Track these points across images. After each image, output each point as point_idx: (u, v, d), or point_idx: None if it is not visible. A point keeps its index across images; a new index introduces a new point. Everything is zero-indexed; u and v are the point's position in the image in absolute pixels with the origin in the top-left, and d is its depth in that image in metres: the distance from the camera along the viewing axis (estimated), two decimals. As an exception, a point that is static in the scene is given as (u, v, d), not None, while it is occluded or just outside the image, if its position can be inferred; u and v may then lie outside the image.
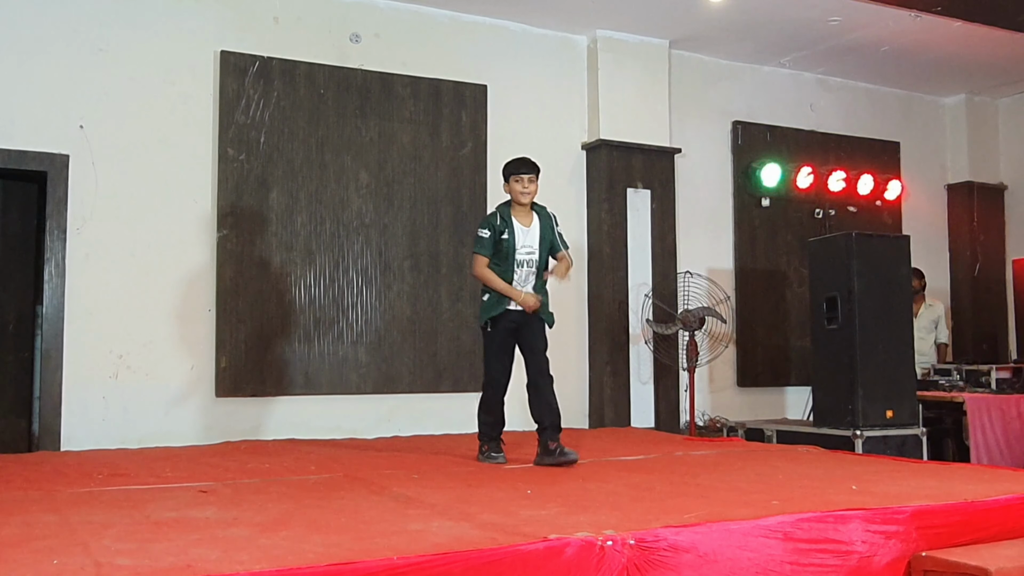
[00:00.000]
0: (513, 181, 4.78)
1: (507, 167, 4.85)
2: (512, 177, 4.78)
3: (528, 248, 4.77)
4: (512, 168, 4.81)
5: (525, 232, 4.78)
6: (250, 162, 6.09)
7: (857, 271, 6.19)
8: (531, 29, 7.10)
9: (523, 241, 4.76)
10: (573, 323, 7.05)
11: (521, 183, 4.76)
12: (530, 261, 4.77)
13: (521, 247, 4.74)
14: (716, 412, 7.46)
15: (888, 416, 6.17)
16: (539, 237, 4.80)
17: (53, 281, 5.60)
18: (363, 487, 3.92)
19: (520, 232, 4.76)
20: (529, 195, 4.78)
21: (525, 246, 4.76)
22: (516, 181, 4.77)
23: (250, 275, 6.04)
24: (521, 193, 4.76)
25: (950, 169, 8.90)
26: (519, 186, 4.76)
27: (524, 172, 4.77)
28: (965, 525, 3.30)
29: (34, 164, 5.61)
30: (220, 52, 6.08)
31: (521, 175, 4.76)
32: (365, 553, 2.55)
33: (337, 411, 6.23)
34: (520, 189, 4.76)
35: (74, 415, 5.58)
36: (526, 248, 4.76)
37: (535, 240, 4.79)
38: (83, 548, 2.67)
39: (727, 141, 7.85)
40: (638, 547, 2.76)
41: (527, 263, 4.76)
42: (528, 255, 4.77)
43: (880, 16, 6.88)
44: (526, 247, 4.76)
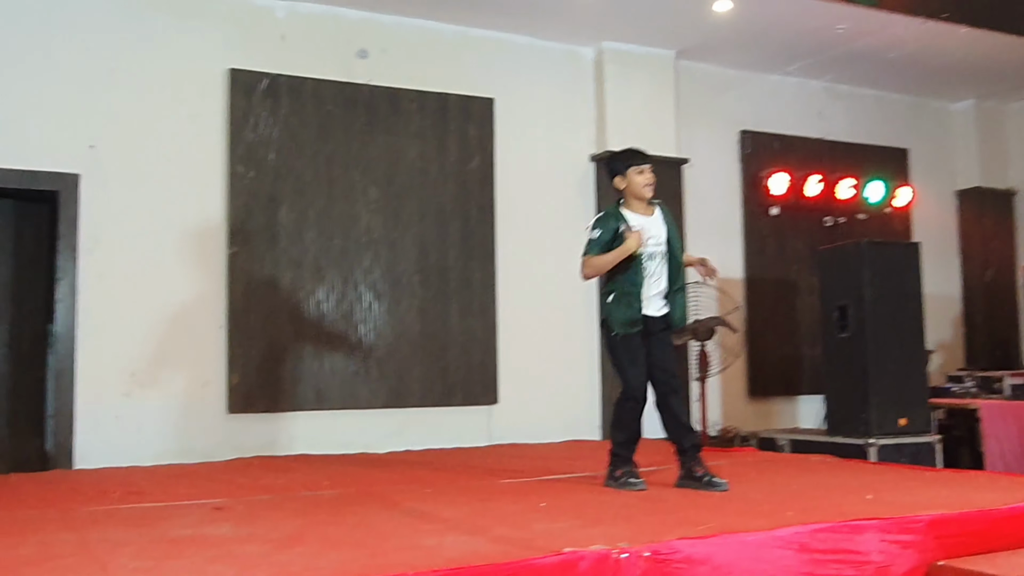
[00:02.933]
0: (634, 173, 4.22)
1: (621, 158, 4.30)
2: (632, 169, 4.22)
3: (654, 238, 4.21)
4: (629, 159, 4.26)
5: (646, 221, 4.23)
6: (259, 179, 6.12)
7: (868, 279, 6.18)
8: (537, 42, 7.12)
9: (649, 232, 4.20)
10: (583, 335, 7.03)
11: (644, 175, 4.22)
12: (659, 252, 4.22)
13: (648, 238, 4.19)
14: (728, 422, 7.43)
15: (901, 424, 6.14)
16: (663, 226, 4.27)
17: (65, 300, 5.62)
18: (376, 502, 3.92)
19: (640, 221, 4.21)
20: (653, 188, 4.25)
21: (652, 237, 4.21)
22: (639, 173, 4.22)
23: (261, 291, 6.05)
24: (646, 186, 4.23)
25: (960, 175, 8.87)
26: (642, 178, 4.22)
27: (645, 162, 4.24)
28: (983, 534, 3.28)
29: (46, 184, 5.64)
30: (229, 70, 6.12)
31: (643, 165, 4.23)
32: (379, 569, 2.55)
33: (349, 426, 6.23)
34: (644, 182, 4.22)
35: (87, 433, 5.59)
36: (652, 238, 4.21)
37: (661, 231, 4.26)
38: (100, 567, 2.68)
39: (735, 150, 7.84)
40: (653, 559, 2.75)
41: (658, 255, 4.22)
42: (656, 246, 4.22)
43: (886, 23, 6.87)
44: (652, 238, 4.21)
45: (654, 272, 4.23)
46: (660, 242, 4.25)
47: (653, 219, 4.29)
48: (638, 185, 4.24)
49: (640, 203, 4.29)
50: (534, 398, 6.82)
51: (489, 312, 6.70)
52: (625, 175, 4.27)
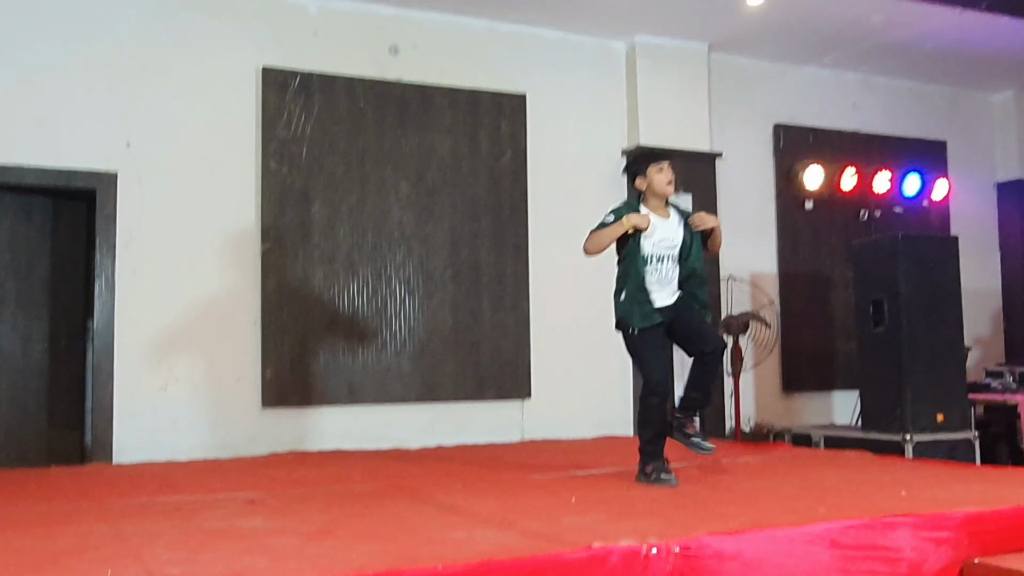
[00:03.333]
0: (654, 172, 4.25)
1: (640, 159, 4.39)
2: (653, 167, 4.26)
3: (668, 241, 4.24)
4: (648, 156, 4.34)
5: (662, 223, 4.26)
6: (292, 175, 6.17)
7: (904, 273, 6.10)
8: (569, 36, 7.11)
9: (661, 234, 4.23)
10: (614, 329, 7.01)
11: (664, 172, 4.25)
12: (672, 256, 4.24)
13: (660, 240, 4.22)
14: (762, 418, 7.37)
15: (939, 420, 6.06)
16: (680, 231, 4.28)
17: (103, 296, 5.71)
18: (407, 496, 3.94)
19: (655, 225, 4.22)
20: (673, 185, 4.30)
21: (664, 239, 4.24)
22: (659, 171, 4.25)
23: (293, 287, 6.11)
24: (667, 184, 4.26)
25: (999, 167, 8.72)
26: (663, 176, 4.25)
27: (666, 159, 4.29)
28: (1019, 531, 3.23)
29: (83, 182, 5.74)
30: (262, 68, 6.17)
31: (662, 163, 4.27)
32: (410, 562, 2.56)
33: (381, 420, 6.27)
34: (665, 180, 4.25)
35: (125, 427, 5.68)
36: (665, 241, 4.24)
37: (675, 233, 4.27)
38: (136, 558, 2.73)
39: (769, 144, 7.77)
40: (683, 555, 2.74)
41: (668, 257, 4.24)
42: (668, 249, 4.24)
43: (923, 14, 6.77)
44: (665, 240, 4.24)
45: (664, 274, 4.26)
46: (672, 246, 4.26)
47: (668, 222, 4.31)
48: (659, 183, 4.27)
49: (659, 204, 4.31)
50: (566, 393, 6.81)
51: (521, 307, 6.70)
52: (646, 174, 4.29)
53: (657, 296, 4.25)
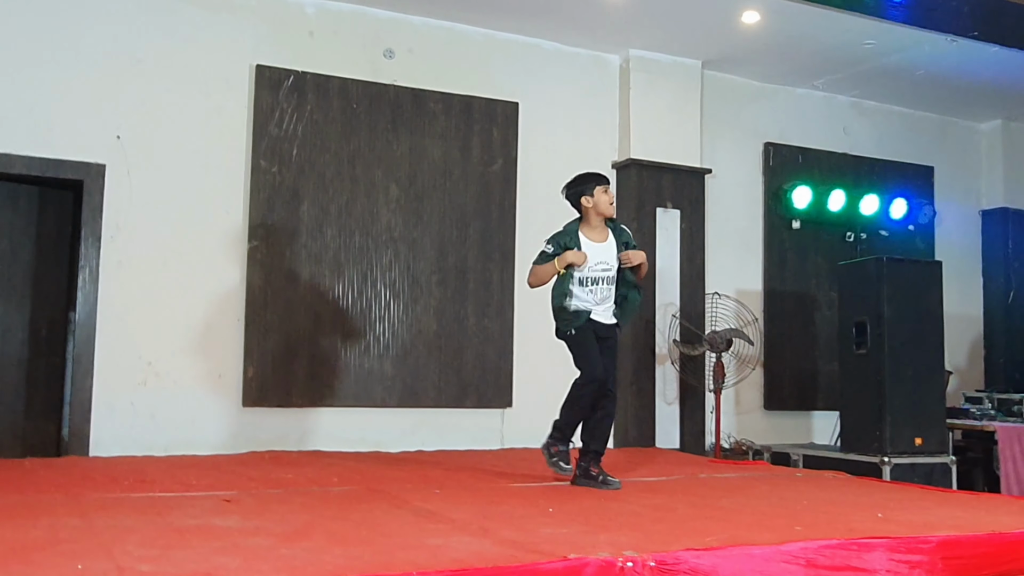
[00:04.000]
0: (600, 193, 4.53)
1: (586, 179, 4.59)
2: (599, 188, 4.53)
3: (604, 264, 4.52)
4: (596, 179, 4.58)
5: (598, 248, 4.54)
6: (282, 174, 6.16)
7: (887, 296, 6.14)
8: (564, 48, 7.13)
9: (597, 257, 4.51)
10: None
11: (609, 194, 4.56)
12: (607, 277, 4.52)
13: (596, 264, 4.50)
14: (742, 435, 7.39)
15: (917, 444, 6.09)
16: (615, 252, 4.56)
17: (86, 288, 5.68)
18: (385, 500, 3.93)
19: (592, 249, 4.51)
20: (614, 205, 4.63)
21: (600, 263, 4.51)
22: (604, 192, 4.54)
23: (279, 286, 6.09)
24: (611, 204, 4.57)
25: (984, 195, 8.80)
26: (607, 197, 4.55)
27: (608, 182, 4.60)
28: (992, 557, 3.24)
29: (71, 173, 5.70)
30: (256, 65, 6.16)
31: (607, 184, 4.58)
32: (384, 566, 2.55)
33: (362, 424, 6.25)
34: (609, 200, 4.55)
35: (103, 420, 5.64)
36: (602, 264, 4.51)
37: (611, 255, 4.55)
38: (106, 553, 2.70)
39: (758, 162, 7.81)
40: (658, 569, 2.74)
41: (604, 279, 4.52)
42: (604, 271, 4.52)
43: (915, 40, 6.83)
44: (601, 263, 4.51)
45: (599, 295, 4.53)
46: (609, 267, 4.54)
47: (606, 245, 4.56)
48: (604, 204, 4.55)
49: (598, 226, 4.58)
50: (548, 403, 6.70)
51: (506, 315, 6.70)
52: (593, 194, 4.54)
53: (593, 312, 4.53)
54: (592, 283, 4.51)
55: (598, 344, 4.52)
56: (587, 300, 4.52)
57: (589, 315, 4.52)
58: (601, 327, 4.54)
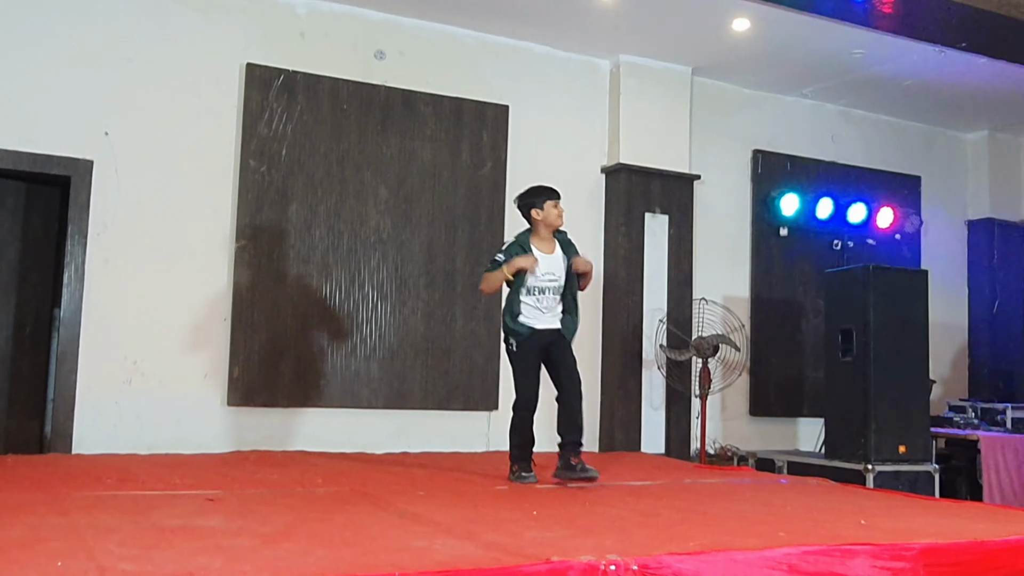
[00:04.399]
0: (550, 206, 4.77)
1: (538, 194, 4.83)
2: (549, 203, 4.77)
3: (551, 275, 4.73)
4: (548, 194, 4.81)
5: (546, 259, 4.75)
6: (271, 174, 6.14)
7: (873, 304, 6.17)
8: (555, 52, 7.14)
9: (545, 268, 4.72)
10: (586, 346, 7.02)
11: (558, 207, 4.79)
12: (554, 287, 4.74)
13: (544, 274, 4.71)
14: (727, 441, 7.41)
15: (901, 451, 6.12)
16: (563, 264, 4.78)
17: (72, 285, 5.65)
18: (369, 502, 3.92)
19: (539, 258, 4.71)
20: (562, 219, 4.82)
21: (548, 273, 4.72)
22: (554, 206, 4.78)
23: (266, 286, 6.07)
24: (559, 216, 4.79)
25: (970, 205, 8.86)
26: (557, 211, 4.79)
27: (559, 196, 4.82)
28: (974, 565, 3.25)
29: (58, 169, 5.67)
30: (246, 65, 6.15)
31: (558, 200, 4.80)
32: (368, 568, 2.55)
33: (347, 425, 6.23)
34: (559, 213, 4.79)
35: (87, 419, 5.61)
36: (549, 275, 4.73)
37: (558, 266, 4.76)
38: (87, 552, 2.68)
39: (747, 169, 7.84)
40: (641, 573, 2.73)
41: (551, 289, 4.73)
42: (551, 281, 4.73)
43: (904, 50, 6.88)
44: (548, 274, 4.73)
45: (545, 304, 4.73)
46: (556, 278, 4.75)
47: (554, 256, 4.78)
48: (553, 216, 4.78)
49: (547, 238, 4.80)
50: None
51: (494, 318, 6.68)
52: (543, 208, 4.77)
53: (538, 322, 4.71)
54: (539, 292, 4.71)
55: (549, 349, 4.73)
56: (533, 311, 4.71)
57: (533, 330, 4.69)
58: (548, 333, 4.73)
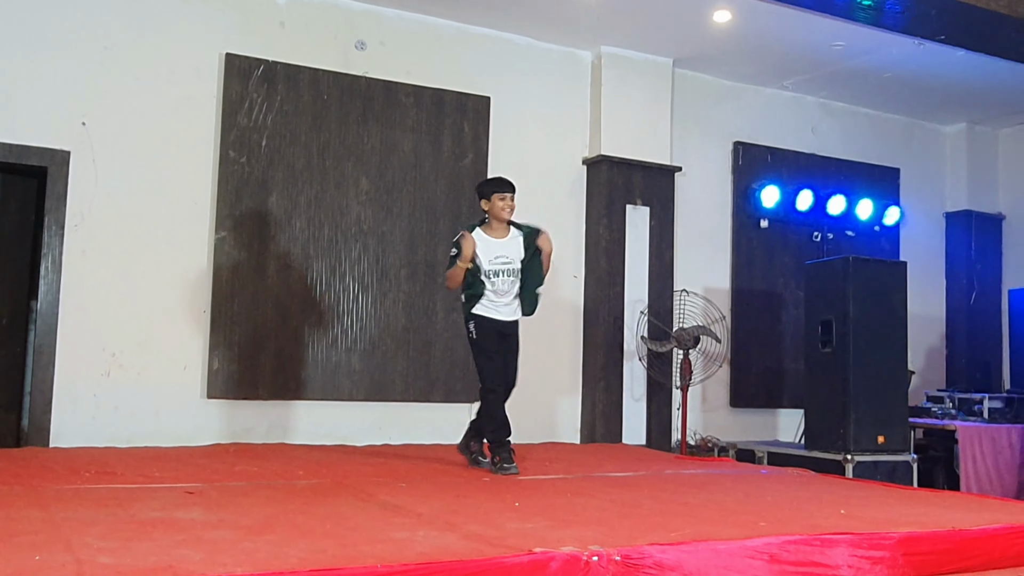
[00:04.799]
0: (497, 199, 4.92)
1: (488, 185, 5.04)
2: (496, 195, 4.93)
3: (504, 258, 4.89)
4: (495, 186, 4.98)
5: (497, 243, 4.90)
6: (251, 165, 6.10)
7: (853, 295, 6.20)
8: (536, 43, 7.12)
9: (496, 252, 4.88)
10: (567, 338, 7.04)
11: (505, 200, 4.93)
12: (508, 270, 4.89)
13: (495, 258, 4.87)
14: (708, 431, 7.44)
15: (880, 442, 6.17)
16: (517, 247, 4.93)
17: (49, 277, 5.59)
18: (350, 494, 3.90)
19: (490, 244, 4.88)
20: (511, 212, 4.95)
21: (499, 256, 4.88)
22: (500, 199, 4.92)
23: (246, 278, 6.03)
24: (503, 209, 4.92)
25: (949, 197, 8.92)
26: (503, 203, 4.92)
27: (508, 190, 4.95)
28: (952, 553, 3.28)
29: (35, 159, 5.61)
30: (225, 55, 6.10)
31: (505, 193, 4.94)
32: (348, 560, 2.54)
33: (328, 417, 6.21)
34: (503, 206, 4.92)
35: (65, 411, 5.56)
36: (501, 258, 4.88)
37: (511, 250, 4.92)
38: (65, 545, 2.66)
39: (727, 161, 7.87)
40: (624, 563, 2.74)
41: (505, 271, 4.88)
42: (504, 264, 4.89)
43: (883, 42, 6.91)
44: (500, 257, 4.88)
45: (500, 287, 4.87)
46: (509, 261, 4.89)
47: (507, 241, 4.93)
48: (498, 208, 4.92)
49: (499, 226, 4.94)
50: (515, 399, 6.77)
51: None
52: (490, 199, 4.94)
53: (495, 309, 4.89)
54: (494, 275, 4.86)
55: (501, 343, 4.90)
56: (490, 294, 4.86)
57: (493, 317, 4.87)
58: (503, 324, 4.89)
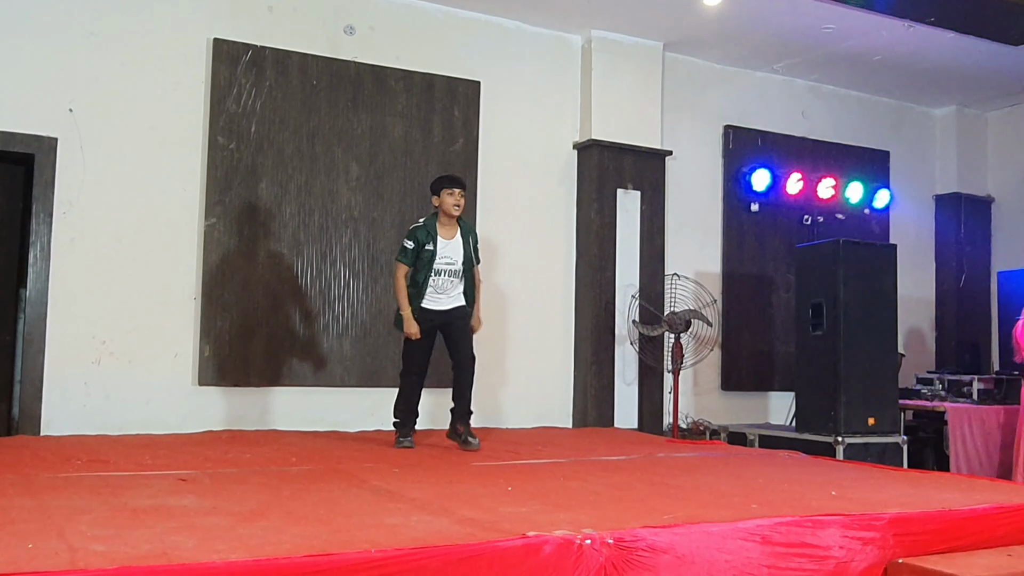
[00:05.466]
0: (446, 195, 5.10)
1: (439, 182, 5.19)
2: (445, 191, 5.11)
3: (448, 259, 5.15)
4: (445, 183, 5.16)
5: (446, 244, 5.14)
6: (240, 151, 6.07)
7: (843, 278, 6.22)
8: (526, 27, 7.09)
9: (443, 252, 5.13)
10: (559, 322, 7.05)
11: (454, 196, 5.11)
12: (451, 270, 5.16)
13: (441, 258, 5.12)
14: (699, 415, 7.47)
15: (870, 423, 6.20)
16: (461, 249, 5.18)
17: (37, 265, 5.56)
18: (343, 480, 3.91)
19: (442, 244, 5.12)
20: (460, 209, 5.14)
21: (445, 256, 5.13)
22: (449, 195, 5.10)
23: (236, 264, 6.01)
24: (454, 206, 5.10)
25: (938, 180, 8.94)
26: (452, 199, 5.10)
27: (457, 186, 5.14)
28: (942, 533, 3.31)
29: (22, 147, 5.57)
30: (213, 40, 6.05)
31: (454, 189, 5.12)
32: (342, 545, 2.54)
33: (320, 403, 6.21)
34: (452, 202, 5.10)
35: (55, 400, 5.54)
36: (446, 259, 5.14)
37: (456, 252, 5.18)
38: (58, 533, 2.66)
39: (718, 145, 7.86)
40: (616, 546, 2.76)
41: (447, 272, 5.15)
42: (448, 265, 5.15)
43: (874, 25, 6.91)
44: (446, 257, 5.14)
45: (441, 286, 5.16)
46: (453, 261, 5.17)
47: (453, 242, 5.17)
48: (447, 204, 5.12)
49: (449, 222, 5.16)
50: (508, 383, 6.83)
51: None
52: (440, 195, 5.13)
53: (432, 302, 5.15)
54: (435, 275, 5.12)
55: (444, 328, 5.18)
56: (430, 290, 5.12)
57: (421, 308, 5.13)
58: (443, 313, 5.15)
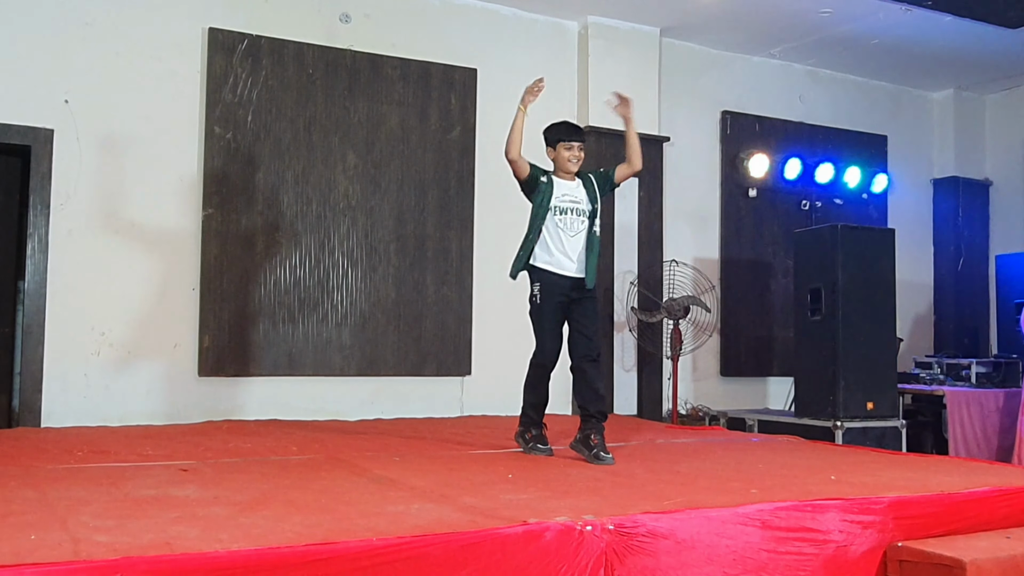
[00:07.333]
0: (562, 148, 4.40)
1: (555, 131, 4.45)
2: (562, 144, 4.40)
3: (572, 197, 4.37)
4: (562, 133, 4.42)
5: (567, 184, 4.40)
6: (237, 141, 6.06)
7: (842, 263, 6.22)
8: (522, 13, 7.07)
9: (563, 190, 4.37)
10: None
11: (572, 151, 4.40)
12: (577, 209, 4.35)
13: (563, 195, 4.35)
14: (698, 401, 7.48)
15: (869, 408, 6.22)
16: (586, 194, 4.41)
17: (36, 256, 5.55)
18: (344, 468, 3.92)
19: (561, 183, 4.39)
20: (578, 164, 4.42)
21: (567, 194, 4.36)
22: (567, 148, 4.39)
23: (235, 254, 6.01)
24: (569, 160, 4.40)
25: (936, 164, 8.93)
26: (569, 153, 4.39)
27: (576, 139, 4.40)
28: (941, 516, 3.33)
29: (18, 138, 5.56)
30: (208, 29, 6.03)
31: (573, 143, 4.40)
32: (344, 534, 2.55)
33: (320, 393, 6.22)
34: (569, 156, 4.39)
35: (55, 392, 5.55)
36: (569, 196, 4.36)
37: (581, 193, 4.40)
38: (61, 524, 2.66)
39: (716, 130, 7.85)
40: (617, 532, 2.77)
41: (572, 210, 4.35)
42: (573, 203, 4.36)
43: (871, 9, 6.88)
44: (568, 195, 4.37)
45: (568, 226, 4.35)
46: (577, 201, 4.38)
47: (575, 185, 4.44)
48: (563, 160, 4.42)
49: (566, 177, 4.45)
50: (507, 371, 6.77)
51: (465, 283, 6.69)
52: (555, 148, 4.44)
53: (562, 258, 4.34)
54: (561, 213, 4.34)
55: (571, 307, 4.37)
56: (556, 240, 4.34)
57: (555, 275, 4.33)
58: (572, 282, 4.34)
